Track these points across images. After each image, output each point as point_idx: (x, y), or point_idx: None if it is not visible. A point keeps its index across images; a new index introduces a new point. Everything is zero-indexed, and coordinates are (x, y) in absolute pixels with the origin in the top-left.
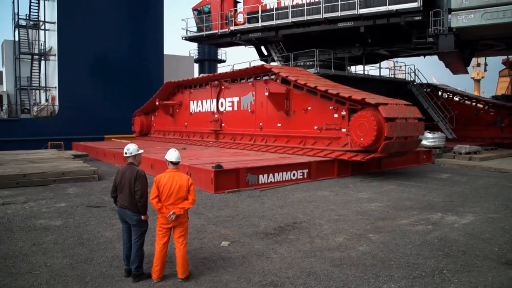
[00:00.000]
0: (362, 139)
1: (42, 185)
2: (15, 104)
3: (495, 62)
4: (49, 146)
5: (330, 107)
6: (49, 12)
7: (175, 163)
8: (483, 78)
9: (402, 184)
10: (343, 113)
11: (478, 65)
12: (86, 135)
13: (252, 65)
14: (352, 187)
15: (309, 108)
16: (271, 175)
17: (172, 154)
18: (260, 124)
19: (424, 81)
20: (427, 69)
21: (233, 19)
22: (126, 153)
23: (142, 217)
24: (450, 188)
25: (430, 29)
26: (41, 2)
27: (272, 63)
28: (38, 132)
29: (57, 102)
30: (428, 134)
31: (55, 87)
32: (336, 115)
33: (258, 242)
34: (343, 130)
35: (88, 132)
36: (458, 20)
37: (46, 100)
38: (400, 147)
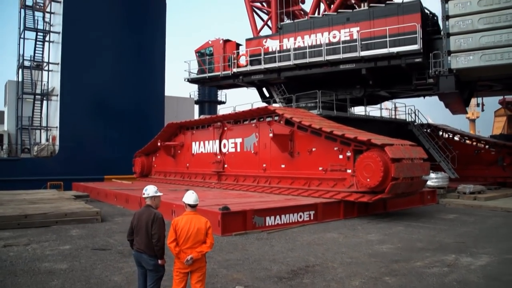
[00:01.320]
0: (368, 180)
1: (43, 227)
2: (15, 144)
3: (489, 102)
4: (48, 186)
5: (335, 148)
6: (53, 54)
7: (193, 206)
8: (478, 118)
9: (410, 225)
10: (348, 154)
11: (478, 105)
12: (86, 175)
13: (255, 106)
14: (360, 229)
15: (313, 149)
16: (277, 217)
17: (190, 197)
18: (264, 165)
19: (425, 122)
20: (424, 109)
21: (235, 61)
22: (144, 194)
23: (159, 261)
24: (459, 228)
25: (430, 71)
26: (46, 44)
27: (274, 105)
28: (38, 172)
29: (57, 142)
30: (432, 174)
31: (56, 127)
32: (341, 156)
33: (273, 287)
34: (349, 171)
35: (88, 173)
36: (458, 62)
37: (47, 140)
38: (407, 188)
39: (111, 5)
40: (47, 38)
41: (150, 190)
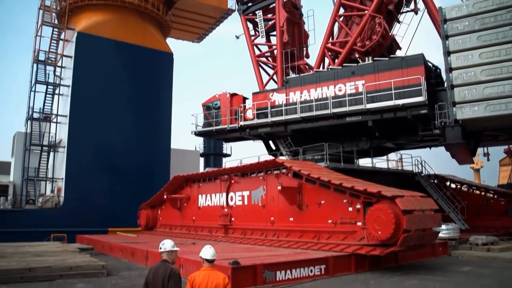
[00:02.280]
0: (380, 232)
1: (48, 280)
2: (20, 195)
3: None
4: (52, 238)
5: (344, 201)
6: (62, 106)
7: (210, 261)
8: (482, 168)
9: (425, 278)
10: (358, 206)
11: (485, 154)
12: (90, 227)
13: (261, 159)
14: (374, 284)
15: (322, 201)
16: (288, 271)
17: (207, 251)
18: (272, 218)
19: (431, 172)
20: (429, 159)
21: (242, 114)
22: (160, 248)
23: None
24: (476, 281)
25: (436, 122)
26: (55, 97)
27: (281, 157)
28: (42, 224)
29: (62, 194)
30: (443, 226)
31: (62, 179)
32: (350, 209)
33: None
34: (359, 223)
35: (93, 225)
36: (463, 112)
37: (52, 191)
38: (419, 240)
39: (119, 61)
40: (56, 91)
41: (167, 244)
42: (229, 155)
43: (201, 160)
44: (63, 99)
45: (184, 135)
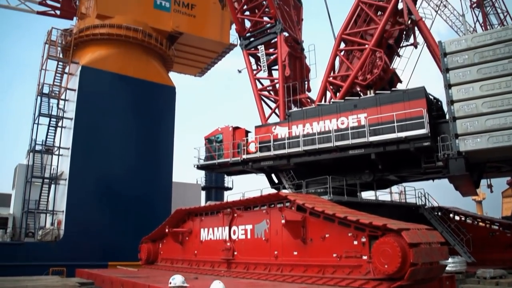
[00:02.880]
0: (386, 266)
1: None
2: (19, 227)
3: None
4: (50, 272)
5: (349, 234)
6: (65, 139)
7: None
8: (484, 199)
9: None
10: (363, 239)
11: (488, 186)
12: (90, 261)
13: (264, 193)
14: None
15: (326, 235)
16: None
17: (217, 287)
18: (275, 252)
19: (435, 205)
20: (431, 191)
21: (245, 148)
22: (170, 283)
23: None
24: None
25: (439, 154)
26: (58, 129)
27: (284, 191)
28: (41, 257)
29: (62, 227)
30: (449, 259)
31: (62, 211)
32: (356, 242)
33: None
34: (364, 257)
35: (92, 258)
36: (466, 144)
37: (52, 224)
38: (426, 273)
39: (122, 94)
40: (59, 124)
41: (177, 279)
42: (230, 189)
43: (203, 193)
44: (65, 131)
45: (185, 167)
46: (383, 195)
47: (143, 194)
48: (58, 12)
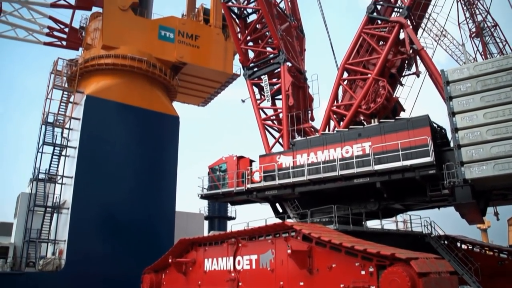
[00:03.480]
0: None
1: None
2: (20, 257)
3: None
4: None
5: (356, 264)
6: (68, 167)
7: None
8: (489, 227)
9: None
10: (371, 269)
11: (495, 214)
12: None
13: (269, 222)
14: None
15: (333, 265)
16: None
17: None
18: (281, 283)
19: (441, 233)
20: (436, 220)
21: (249, 177)
22: None
23: None
24: None
25: (445, 182)
26: (61, 158)
27: (289, 220)
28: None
29: (64, 256)
30: None
31: (64, 241)
32: (363, 272)
33: None
34: (372, 287)
35: None
36: (472, 172)
37: (53, 254)
38: None
39: (126, 123)
40: (63, 153)
41: None
42: (233, 218)
43: (206, 223)
44: (69, 160)
45: (189, 197)
46: (389, 224)
47: (146, 223)
48: (64, 43)
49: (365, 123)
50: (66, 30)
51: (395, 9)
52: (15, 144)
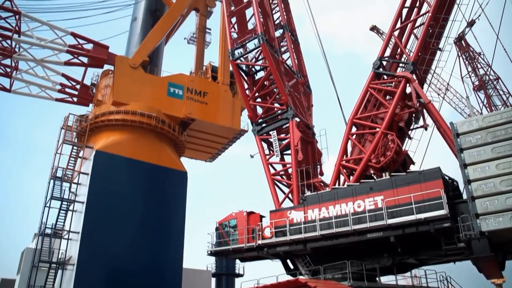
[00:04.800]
0: None
1: None
2: None
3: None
4: None
5: None
6: (75, 223)
7: None
8: (504, 282)
9: None
10: None
11: None
12: None
13: (280, 279)
14: None
15: None
16: None
17: None
18: None
19: None
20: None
21: (260, 233)
22: None
23: None
24: None
25: (461, 235)
26: (69, 213)
27: (301, 277)
28: None
29: None
30: None
31: None
32: None
33: None
34: None
35: None
36: (488, 224)
37: None
38: None
39: (135, 178)
40: (70, 207)
41: None
42: (242, 275)
43: (213, 280)
44: (76, 215)
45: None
46: (404, 280)
47: (153, 280)
48: (75, 99)
49: (375, 177)
50: (77, 86)
51: (400, 64)
52: (20, 199)
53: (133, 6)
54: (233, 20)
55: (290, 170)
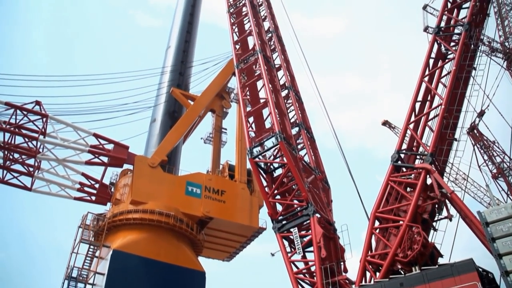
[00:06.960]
0: None
1: None
2: None
3: None
4: None
5: None
6: (100, 268)
7: None
8: None
9: None
10: None
11: None
12: None
13: None
14: None
15: None
16: None
17: None
18: None
19: None
20: None
21: None
22: None
23: None
24: None
25: None
26: (94, 260)
27: None
28: None
29: None
30: None
31: None
32: None
33: None
34: None
35: None
36: None
37: None
38: None
39: (152, 279)
40: None
41: None
42: None
43: None
44: (102, 262)
45: None
46: None
47: None
48: (93, 198)
49: (402, 271)
50: (96, 185)
51: (418, 156)
52: None
53: (152, 108)
54: (250, 119)
55: (313, 268)
